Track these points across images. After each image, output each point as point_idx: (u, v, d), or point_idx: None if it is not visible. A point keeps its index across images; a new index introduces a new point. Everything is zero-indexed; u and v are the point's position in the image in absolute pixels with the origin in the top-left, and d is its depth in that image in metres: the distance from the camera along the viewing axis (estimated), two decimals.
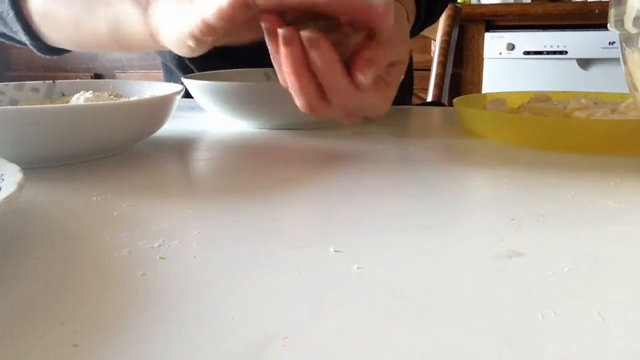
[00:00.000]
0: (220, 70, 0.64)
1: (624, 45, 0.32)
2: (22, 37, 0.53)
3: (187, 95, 0.58)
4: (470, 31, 1.87)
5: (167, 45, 0.41)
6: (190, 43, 0.37)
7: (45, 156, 0.38)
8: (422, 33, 0.97)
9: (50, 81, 0.52)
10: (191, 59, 0.71)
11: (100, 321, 0.18)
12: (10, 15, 0.51)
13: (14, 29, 0.53)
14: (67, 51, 0.57)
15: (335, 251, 0.24)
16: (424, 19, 0.66)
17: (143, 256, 0.23)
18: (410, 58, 0.88)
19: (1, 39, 0.58)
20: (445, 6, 0.73)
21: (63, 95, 0.52)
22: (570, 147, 0.42)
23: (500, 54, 1.83)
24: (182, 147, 0.46)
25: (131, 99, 0.48)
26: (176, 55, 0.67)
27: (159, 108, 0.42)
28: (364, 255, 0.23)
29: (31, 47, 0.55)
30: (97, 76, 2.25)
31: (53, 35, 0.52)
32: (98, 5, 0.46)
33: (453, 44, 1.24)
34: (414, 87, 0.94)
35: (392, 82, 0.36)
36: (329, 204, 0.30)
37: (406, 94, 0.85)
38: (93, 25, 0.47)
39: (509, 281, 0.21)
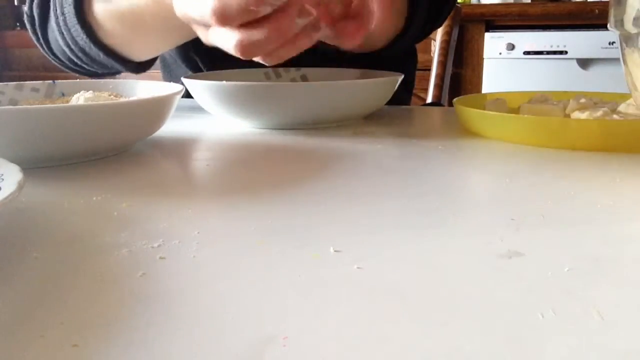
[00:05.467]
0: (220, 71, 0.64)
1: (624, 45, 0.32)
2: (118, 67, 0.62)
3: (187, 95, 0.58)
4: (470, 31, 1.87)
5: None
6: None
7: (45, 156, 0.38)
8: None
9: (50, 81, 0.52)
10: (196, 50, 0.72)
11: (100, 321, 0.18)
12: (100, 56, 0.59)
13: (109, 66, 0.62)
14: (153, 63, 0.67)
15: (335, 251, 0.24)
16: (428, 21, 0.66)
17: (143, 256, 0.23)
18: (415, 57, 0.87)
19: (95, 77, 0.68)
20: (451, 9, 0.73)
21: (63, 95, 0.52)
22: (570, 147, 0.42)
23: (500, 54, 1.83)
24: (182, 147, 0.46)
25: (131, 99, 0.48)
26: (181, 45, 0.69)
27: (159, 108, 0.42)
28: (364, 255, 0.23)
29: (126, 71, 0.64)
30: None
31: (125, 50, 0.61)
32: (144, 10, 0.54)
33: (453, 44, 1.24)
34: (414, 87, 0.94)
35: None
36: (329, 204, 0.30)
37: (405, 93, 0.84)
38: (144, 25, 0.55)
39: (509, 281, 0.21)
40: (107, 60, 0.60)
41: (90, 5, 0.58)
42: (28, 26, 0.64)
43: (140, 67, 0.65)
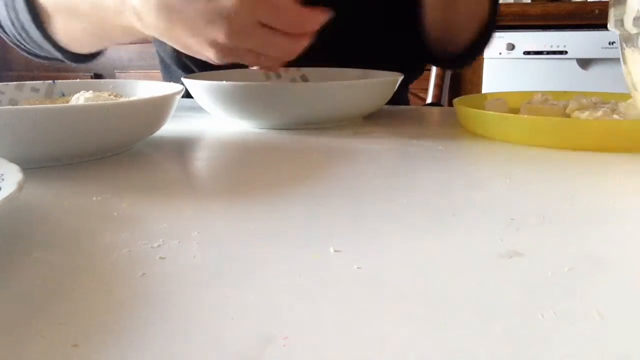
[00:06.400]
0: (220, 71, 0.64)
1: (624, 45, 0.32)
2: (56, 54, 0.62)
3: (187, 95, 0.58)
4: None
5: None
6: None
7: (45, 156, 0.38)
8: None
9: (50, 81, 0.52)
10: (189, 56, 0.73)
11: (100, 321, 0.18)
12: (40, 38, 0.59)
13: (46, 49, 0.62)
14: (95, 57, 0.66)
15: (335, 251, 0.24)
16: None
17: (143, 256, 0.23)
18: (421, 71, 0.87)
19: (39, 59, 0.69)
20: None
21: (63, 95, 0.52)
22: (570, 147, 0.42)
23: (500, 54, 1.83)
24: (182, 147, 0.46)
25: (131, 99, 0.48)
26: (175, 51, 0.69)
27: (159, 108, 0.42)
28: (364, 255, 0.23)
29: (66, 60, 0.64)
30: (97, 76, 2.25)
31: (70, 41, 0.61)
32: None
33: None
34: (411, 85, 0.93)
35: None
36: (329, 204, 0.30)
37: (402, 88, 0.84)
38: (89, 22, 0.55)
39: (509, 281, 0.21)
40: (44, 43, 0.59)
41: None
42: None
43: (80, 59, 0.63)
